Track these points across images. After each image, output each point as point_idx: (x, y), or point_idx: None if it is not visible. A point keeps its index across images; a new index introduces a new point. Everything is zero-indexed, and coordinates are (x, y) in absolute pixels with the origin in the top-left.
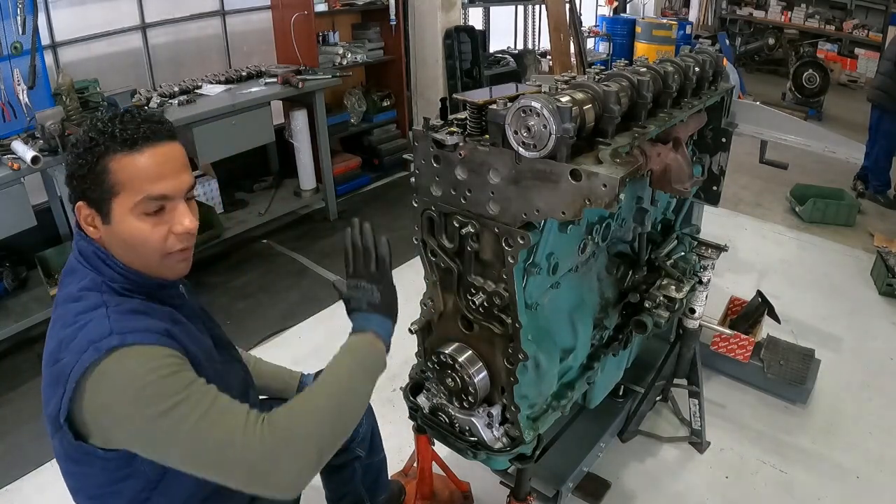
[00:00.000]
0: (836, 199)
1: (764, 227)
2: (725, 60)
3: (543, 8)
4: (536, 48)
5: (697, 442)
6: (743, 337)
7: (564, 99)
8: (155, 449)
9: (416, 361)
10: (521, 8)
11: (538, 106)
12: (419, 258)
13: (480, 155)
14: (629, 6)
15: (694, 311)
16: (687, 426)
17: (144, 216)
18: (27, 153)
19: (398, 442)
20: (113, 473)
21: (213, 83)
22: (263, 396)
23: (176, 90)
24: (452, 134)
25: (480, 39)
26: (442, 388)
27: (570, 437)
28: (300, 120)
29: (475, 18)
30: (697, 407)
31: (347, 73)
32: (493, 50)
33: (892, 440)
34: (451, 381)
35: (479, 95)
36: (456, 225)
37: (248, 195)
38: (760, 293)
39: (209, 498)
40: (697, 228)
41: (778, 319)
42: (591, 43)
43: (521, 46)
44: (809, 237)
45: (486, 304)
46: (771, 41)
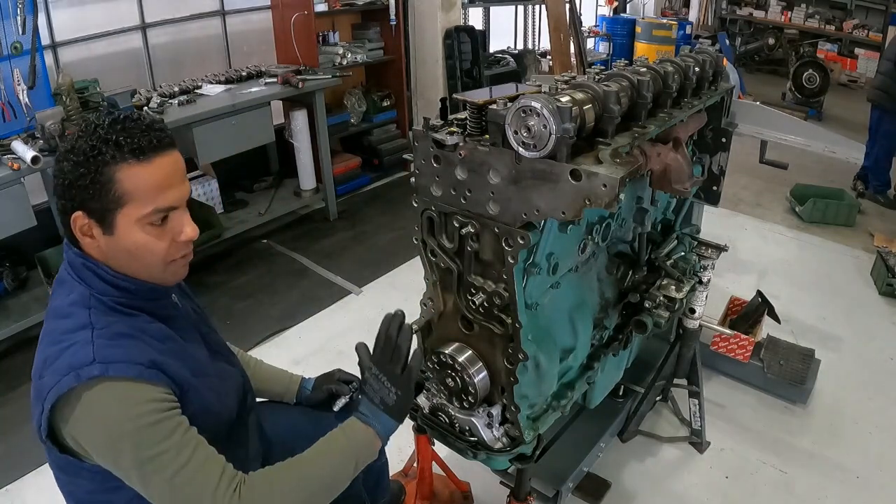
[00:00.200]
0: (836, 199)
1: (764, 227)
2: (725, 60)
3: (543, 8)
4: (536, 48)
5: (697, 442)
6: (743, 337)
7: (564, 99)
8: (130, 483)
9: None
10: (521, 8)
11: (538, 106)
12: (419, 258)
13: (480, 155)
14: (629, 6)
15: (694, 311)
16: (687, 426)
17: (149, 226)
18: (27, 153)
19: (398, 442)
20: (101, 484)
21: (213, 83)
22: (263, 399)
23: (176, 90)
24: (452, 134)
25: (480, 39)
26: (442, 388)
27: (570, 437)
28: (300, 120)
29: (475, 18)
30: (697, 407)
31: (347, 73)
32: (493, 50)
33: (892, 440)
34: (451, 381)
35: (479, 95)
36: (456, 225)
37: (248, 195)
38: (760, 293)
39: None
40: (697, 228)
41: (778, 319)
42: (591, 43)
43: (521, 46)
44: (809, 237)
45: (486, 304)
46: (771, 41)
